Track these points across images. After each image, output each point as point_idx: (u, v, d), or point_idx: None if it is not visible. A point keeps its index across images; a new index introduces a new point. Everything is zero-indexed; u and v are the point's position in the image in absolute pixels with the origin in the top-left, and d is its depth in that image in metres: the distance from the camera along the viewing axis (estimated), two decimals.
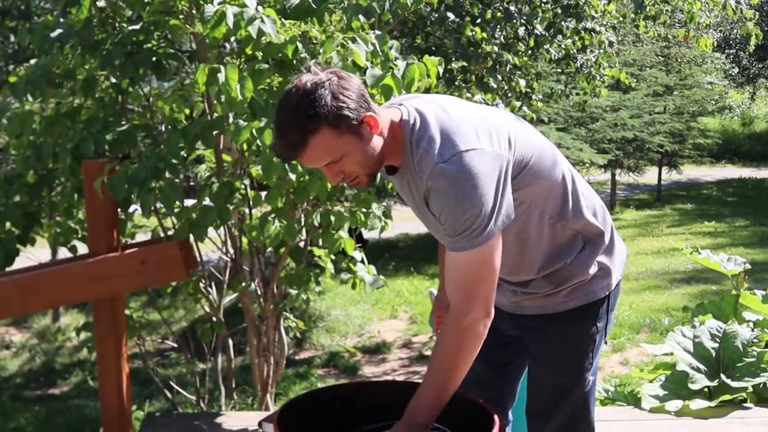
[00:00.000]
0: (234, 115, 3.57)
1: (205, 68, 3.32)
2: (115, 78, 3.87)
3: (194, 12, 3.62)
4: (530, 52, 7.46)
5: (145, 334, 5.04)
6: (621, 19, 8.73)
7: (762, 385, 4.17)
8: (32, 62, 3.97)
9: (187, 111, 4.35)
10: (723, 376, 4.17)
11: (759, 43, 7.81)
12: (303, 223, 3.90)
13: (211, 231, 3.92)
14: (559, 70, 9.33)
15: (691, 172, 20.29)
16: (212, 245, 4.38)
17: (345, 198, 4.26)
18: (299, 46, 3.38)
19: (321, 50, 3.39)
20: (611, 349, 7.60)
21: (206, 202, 3.72)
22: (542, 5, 7.03)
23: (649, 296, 9.46)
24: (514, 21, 6.39)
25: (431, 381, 2.14)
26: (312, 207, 3.80)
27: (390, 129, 2.14)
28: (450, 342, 2.14)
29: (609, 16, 7.98)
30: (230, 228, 4.20)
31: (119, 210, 3.67)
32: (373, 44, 3.43)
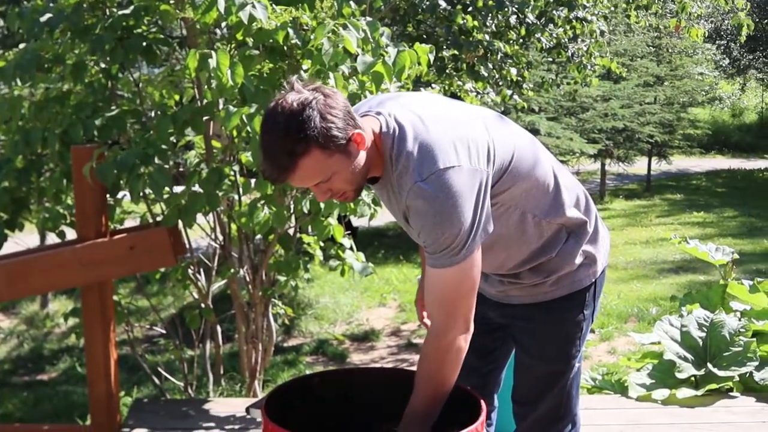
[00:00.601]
0: (224, 101, 3.55)
1: (196, 53, 3.30)
2: (105, 63, 3.85)
3: None
4: (521, 41, 7.46)
5: (134, 321, 5.03)
6: (612, 9, 8.73)
7: (748, 375, 4.20)
8: (21, 47, 3.95)
9: (177, 97, 4.33)
10: (710, 365, 4.19)
11: (750, 34, 7.83)
12: (292, 210, 3.89)
13: (200, 217, 3.91)
14: (551, 59, 9.35)
15: (681, 163, 20.34)
16: (201, 232, 4.37)
17: None
18: (290, 33, 3.37)
19: (312, 36, 3.38)
20: (599, 338, 7.63)
21: (195, 189, 3.71)
22: None
23: (637, 286, 9.49)
24: (506, 9, 6.39)
25: (419, 397, 2.14)
26: (301, 194, 3.80)
27: (371, 138, 2.11)
28: (432, 360, 2.15)
29: (601, 6, 7.98)
30: (219, 214, 4.20)
31: (108, 196, 3.65)
32: (364, 31, 3.42)
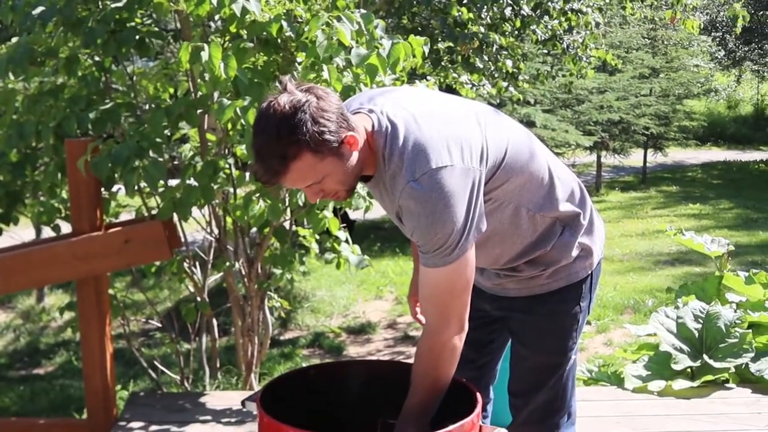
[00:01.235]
0: (218, 94, 3.54)
1: (189, 46, 3.29)
2: (98, 56, 3.84)
3: None
4: (517, 33, 7.46)
5: (130, 315, 5.03)
6: (608, 1, 8.72)
7: (744, 366, 4.20)
8: (14, 40, 3.93)
9: (172, 90, 4.32)
10: (705, 357, 4.20)
11: (745, 26, 7.83)
12: (287, 203, 3.89)
13: (196, 211, 3.91)
14: (546, 51, 9.33)
15: (677, 155, 20.34)
16: (197, 225, 4.37)
17: None
18: (284, 25, 3.36)
19: (306, 29, 3.37)
20: (595, 330, 7.64)
21: (190, 182, 3.70)
22: None
23: (634, 278, 9.50)
24: (501, 1, 6.38)
25: (415, 396, 2.14)
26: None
27: (365, 137, 2.10)
28: (427, 359, 2.14)
29: None
30: (214, 208, 4.19)
31: (103, 189, 3.65)
32: (359, 23, 3.41)
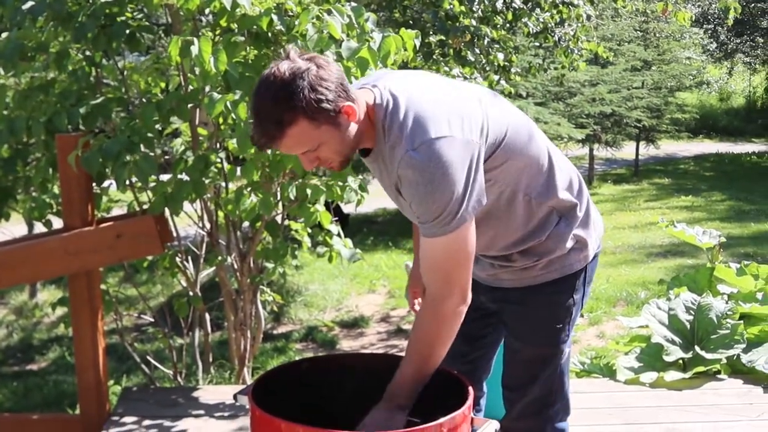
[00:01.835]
0: (209, 88, 3.54)
1: (179, 40, 3.28)
2: (89, 51, 3.83)
3: None
4: (508, 26, 7.45)
5: (122, 310, 5.03)
6: None
7: (735, 357, 4.22)
8: (4, 35, 3.92)
9: (163, 84, 4.31)
10: (697, 348, 4.21)
11: (737, 18, 7.83)
12: (279, 197, 3.89)
13: (187, 205, 3.90)
14: (537, 44, 9.33)
15: (669, 147, 20.39)
16: (188, 220, 4.36)
17: (323, 172, 4.24)
18: (274, 18, 3.35)
19: (296, 22, 3.37)
20: (588, 323, 7.66)
21: (181, 176, 3.69)
22: None
23: (626, 270, 9.52)
24: None
25: (409, 365, 2.16)
26: (288, 180, 3.79)
27: (365, 110, 2.13)
28: (427, 329, 2.16)
29: None
30: (206, 202, 4.18)
31: (94, 184, 3.64)
32: (349, 16, 3.41)
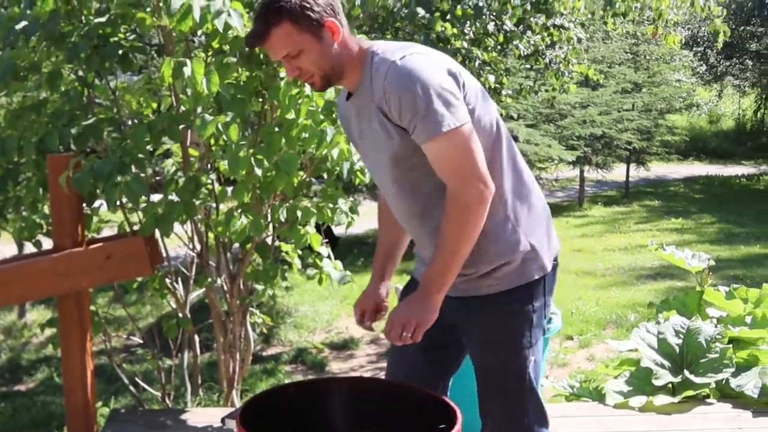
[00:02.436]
0: (200, 109, 3.55)
1: (171, 62, 3.29)
2: (81, 71, 3.84)
3: (161, 5, 3.59)
4: (499, 48, 7.49)
5: (112, 330, 5.01)
6: (590, 16, 8.78)
7: (724, 381, 4.22)
8: None
9: (155, 105, 4.32)
10: (686, 372, 4.21)
11: (726, 41, 7.89)
12: (269, 219, 3.89)
13: (178, 226, 3.90)
14: (528, 66, 9.37)
15: (659, 169, 20.47)
16: (179, 240, 4.36)
17: (313, 194, 4.25)
18: None
19: None
20: (577, 345, 7.66)
21: (172, 197, 3.69)
22: (512, 1, 7.05)
23: (616, 292, 9.53)
24: (484, 17, 6.41)
25: (439, 258, 2.28)
26: (279, 202, 3.79)
27: (356, 49, 2.32)
28: (452, 223, 2.25)
29: (578, 13, 8.02)
30: (196, 223, 4.18)
31: (84, 204, 3.64)
32: None
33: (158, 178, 4.46)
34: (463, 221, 2.24)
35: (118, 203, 3.71)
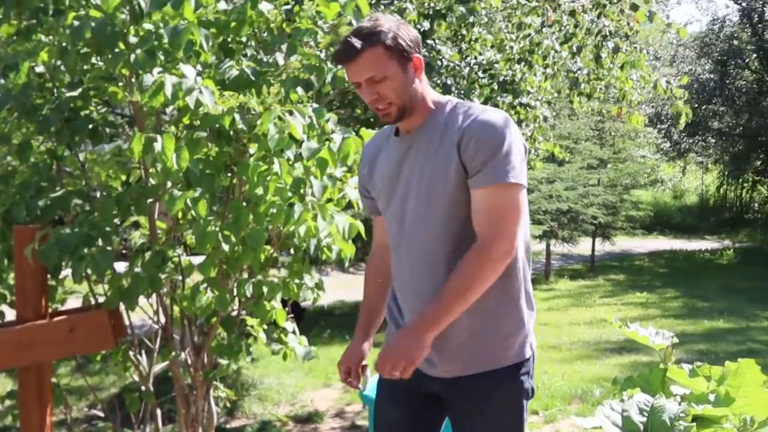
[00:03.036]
0: (170, 184, 3.57)
1: (142, 137, 3.32)
2: (52, 143, 3.86)
3: (133, 80, 3.64)
4: None
5: (73, 401, 4.94)
6: (556, 95, 8.95)
7: None
8: None
9: (124, 177, 4.33)
10: None
11: (688, 121, 8.05)
12: (235, 293, 3.89)
13: (143, 298, 3.88)
14: None
15: (624, 243, 20.68)
16: (143, 311, 4.33)
17: (282, 265, 4.26)
18: (237, 118, 3.42)
19: (258, 122, 3.43)
20: (543, 420, 7.63)
21: (138, 270, 3.69)
22: (479, 81, 7.19)
23: (581, 366, 9.54)
24: (452, 95, 6.52)
25: (443, 298, 2.31)
26: (245, 277, 3.80)
27: (427, 93, 2.46)
28: (468, 269, 2.30)
29: (544, 92, 8.18)
30: (162, 296, 4.17)
31: (49, 276, 3.63)
32: (310, 117, 3.48)
33: (124, 252, 4.45)
34: (481, 271, 2.30)
35: (84, 275, 3.70)
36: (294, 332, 4.27)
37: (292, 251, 3.99)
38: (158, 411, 4.63)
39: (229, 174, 3.79)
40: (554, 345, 10.60)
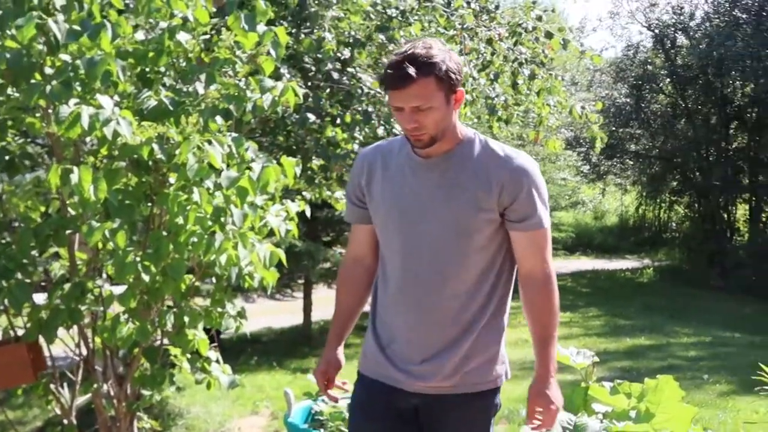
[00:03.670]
0: (89, 214, 3.55)
1: (58, 168, 3.30)
2: None
3: (50, 111, 3.61)
4: None
5: None
6: (476, 120, 9.08)
7: None
8: None
9: (43, 208, 4.28)
10: None
11: (604, 145, 8.24)
12: (157, 323, 3.87)
13: (64, 330, 3.84)
14: None
15: None
16: (65, 343, 4.28)
17: (207, 292, 4.25)
18: (155, 148, 3.41)
19: (177, 151, 3.43)
20: None
21: (57, 302, 3.66)
22: None
23: (507, 386, 9.46)
24: (373, 122, 6.59)
25: (549, 338, 2.57)
26: (166, 307, 3.79)
27: (457, 124, 2.52)
28: (546, 303, 2.54)
29: (465, 117, 8.30)
30: (83, 328, 4.12)
31: None
32: (230, 146, 3.50)
33: (44, 283, 4.40)
34: (555, 300, 2.55)
35: (2, 307, 3.65)
36: (217, 361, 4.26)
37: (215, 280, 3.99)
38: None
39: (150, 204, 3.78)
40: None
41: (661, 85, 24.46)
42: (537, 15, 7.05)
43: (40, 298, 3.76)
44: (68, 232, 3.74)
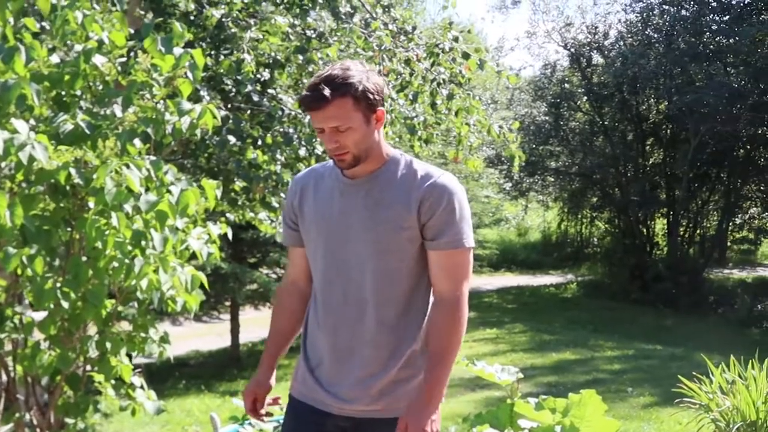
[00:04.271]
0: (5, 241, 3.49)
1: None
2: None
3: None
4: None
5: None
6: (398, 140, 9.16)
7: None
8: None
9: None
10: None
11: (527, 161, 8.37)
12: (79, 350, 3.81)
13: None
14: None
15: (473, 281, 21.14)
16: None
17: (132, 317, 4.19)
18: (72, 172, 3.38)
19: (95, 176, 3.40)
20: None
21: None
22: None
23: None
24: (294, 144, 6.61)
25: (445, 360, 2.47)
26: (90, 332, 3.74)
27: (382, 144, 2.53)
28: (449, 330, 2.47)
29: (387, 137, 8.38)
30: (2, 356, 4.04)
31: None
32: (148, 170, 3.48)
33: None
34: (460, 329, 2.49)
35: None
36: (142, 387, 4.20)
37: (137, 305, 3.95)
38: None
39: (69, 229, 3.73)
40: None
41: (579, 103, 25.01)
42: (454, 36, 7.16)
43: None
44: None
